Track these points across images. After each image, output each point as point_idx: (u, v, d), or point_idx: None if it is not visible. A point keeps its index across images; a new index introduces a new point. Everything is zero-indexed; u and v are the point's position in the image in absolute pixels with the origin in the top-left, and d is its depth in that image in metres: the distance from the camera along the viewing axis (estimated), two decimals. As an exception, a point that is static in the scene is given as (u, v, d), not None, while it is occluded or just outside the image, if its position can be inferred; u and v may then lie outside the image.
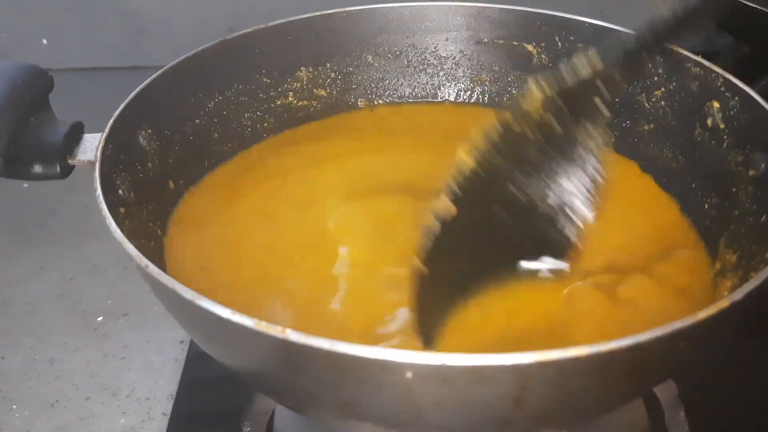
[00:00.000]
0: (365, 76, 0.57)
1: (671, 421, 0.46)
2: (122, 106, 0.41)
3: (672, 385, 0.46)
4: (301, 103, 0.56)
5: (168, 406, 0.51)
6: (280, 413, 0.46)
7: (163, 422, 0.50)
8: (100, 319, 0.58)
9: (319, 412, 0.33)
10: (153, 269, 0.30)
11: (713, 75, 0.45)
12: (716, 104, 0.45)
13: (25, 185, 0.72)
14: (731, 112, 0.44)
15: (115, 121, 0.40)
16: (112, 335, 0.57)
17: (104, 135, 0.39)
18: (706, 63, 0.46)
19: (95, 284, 0.61)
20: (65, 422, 0.50)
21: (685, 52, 0.47)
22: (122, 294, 0.60)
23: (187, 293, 0.28)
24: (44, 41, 0.90)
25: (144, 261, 0.30)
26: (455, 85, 0.58)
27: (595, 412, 0.33)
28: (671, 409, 0.46)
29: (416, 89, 0.58)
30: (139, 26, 0.88)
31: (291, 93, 0.55)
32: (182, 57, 0.47)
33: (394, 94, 0.58)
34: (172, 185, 0.46)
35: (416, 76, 0.58)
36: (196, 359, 0.53)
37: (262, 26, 0.52)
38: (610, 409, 0.35)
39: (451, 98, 0.58)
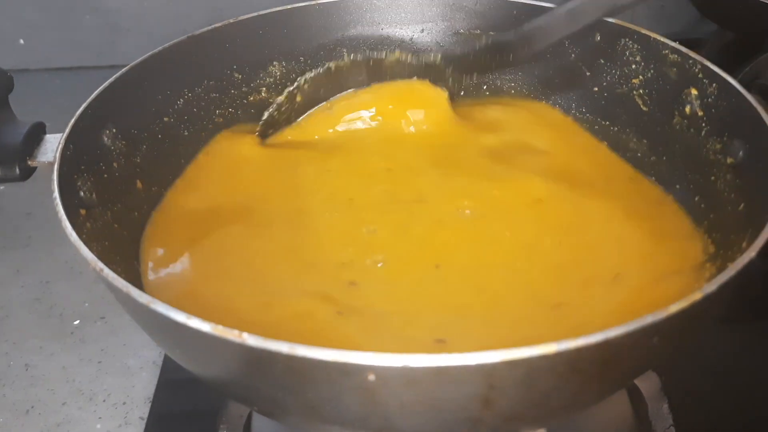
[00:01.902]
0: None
1: (655, 414, 0.45)
2: (84, 105, 0.40)
3: (655, 378, 0.46)
4: (274, 98, 0.55)
5: (145, 410, 0.50)
6: (257, 415, 0.45)
7: (140, 426, 0.49)
8: (76, 323, 0.58)
9: (286, 417, 0.32)
10: (108, 273, 0.29)
11: (691, 61, 0.44)
12: (694, 91, 0.44)
13: (1, 187, 0.71)
14: (709, 99, 0.43)
15: (76, 121, 0.39)
16: (89, 339, 0.56)
17: (64, 135, 0.38)
18: (683, 49, 0.45)
19: (72, 288, 0.60)
20: (41, 429, 0.50)
21: (662, 39, 0.46)
22: (99, 297, 0.59)
23: (142, 297, 0.27)
24: (21, 41, 0.89)
25: (99, 264, 0.29)
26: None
27: (570, 408, 0.32)
28: (654, 402, 0.46)
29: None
30: (115, 24, 0.87)
31: (264, 88, 0.54)
32: (148, 54, 0.46)
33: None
34: (140, 185, 0.45)
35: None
36: (173, 362, 0.51)
37: (231, 20, 0.51)
38: (587, 404, 0.34)
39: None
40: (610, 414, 0.46)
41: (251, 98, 0.54)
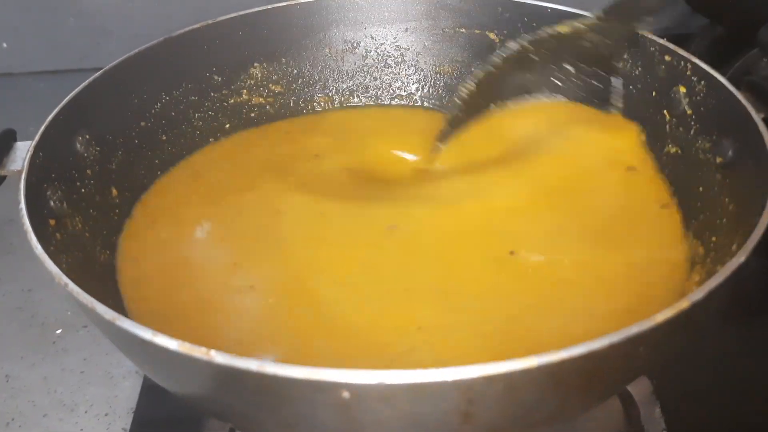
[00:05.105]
0: (323, 70, 0.55)
1: (647, 419, 0.44)
2: (54, 111, 0.39)
3: (647, 382, 0.45)
4: (256, 100, 0.54)
5: (127, 421, 0.49)
6: (240, 426, 0.44)
7: (123, 438, 0.48)
8: (58, 331, 0.56)
9: (263, 433, 0.31)
10: (73, 288, 0.28)
11: (679, 59, 0.44)
12: (683, 89, 0.44)
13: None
14: (698, 97, 0.42)
15: (46, 128, 0.38)
16: (71, 348, 0.55)
17: (34, 143, 0.37)
18: (671, 46, 0.44)
19: (54, 296, 0.59)
20: (21, 441, 0.49)
21: (651, 36, 0.46)
22: (81, 305, 0.58)
23: (107, 313, 0.26)
24: (4, 45, 0.88)
25: (63, 279, 0.28)
26: (417, 77, 0.56)
27: (555, 419, 0.31)
28: (646, 407, 0.45)
29: (376, 81, 0.56)
30: (99, 27, 0.85)
31: (245, 90, 0.53)
32: (123, 57, 0.45)
33: (353, 87, 0.56)
34: (115, 192, 0.44)
35: (376, 68, 0.56)
36: (156, 371, 0.51)
37: (209, 21, 0.50)
38: (573, 415, 0.33)
39: (413, 89, 0.56)
40: (602, 419, 0.45)
41: (231, 101, 0.53)
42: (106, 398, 0.51)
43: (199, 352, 0.25)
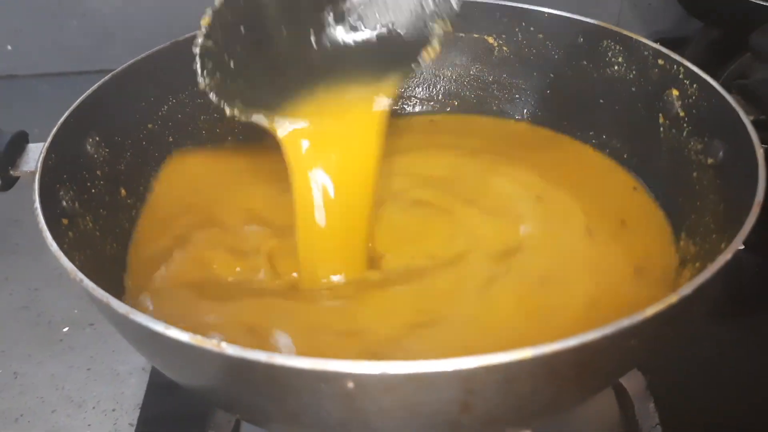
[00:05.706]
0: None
1: (641, 413, 0.45)
2: (66, 114, 0.40)
3: (641, 377, 0.46)
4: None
5: (134, 417, 0.50)
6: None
7: (130, 433, 0.49)
8: (65, 330, 0.57)
9: (269, 424, 0.32)
10: (88, 283, 0.29)
11: (672, 62, 0.45)
12: (675, 92, 0.45)
13: (-13, 195, 0.71)
14: (690, 100, 0.44)
15: (58, 130, 0.39)
16: (78, 346, 0.56)
17: (46, 144, 0.38)
18: (664, 50, 0.45)
19: (61, 294, 0.60)
20: (30, 437, 0.50)
21: (644, 40, 0.47)
22: (88, 304, 0.59)
23: (121, 307, 0.27)
24: (8, 47, 0.88)
25: (79, 275, 0.29)
26: (415, 80, 0.57)
27: (552, 409, 0.33)
28: (640, 401, 0.46)
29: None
30: (103, 29, 0.86)
31: (250, 92, 0.54)
32: (131, 61, 0.46)
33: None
34: (123, 193, 0.45)
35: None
36: (162, 368, 0.52)
37: (215, 25, 0.50)
38: (568, 405, 0.34)
39: (413, 92, 0.57)
40: (597, 413, 0.46)
41: (237, 102, 0.54)
42: (112, 394, 0.52)
43: (210, 344, 0.26)
